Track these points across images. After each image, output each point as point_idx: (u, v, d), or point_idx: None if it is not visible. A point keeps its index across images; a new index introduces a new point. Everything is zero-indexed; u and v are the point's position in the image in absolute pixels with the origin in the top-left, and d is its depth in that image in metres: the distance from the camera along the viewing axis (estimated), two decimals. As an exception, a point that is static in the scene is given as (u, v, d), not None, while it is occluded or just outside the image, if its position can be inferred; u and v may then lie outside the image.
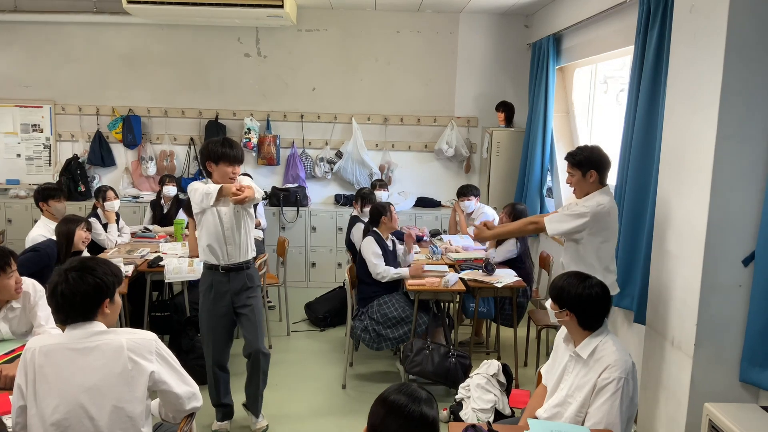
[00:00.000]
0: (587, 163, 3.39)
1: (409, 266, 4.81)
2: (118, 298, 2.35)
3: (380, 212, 4.89)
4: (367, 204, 5.59)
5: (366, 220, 5.53)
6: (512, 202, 5.37)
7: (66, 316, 2.23)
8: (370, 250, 4.72)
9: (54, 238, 4.32)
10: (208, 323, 3.85)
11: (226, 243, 3.74)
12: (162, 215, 6.14)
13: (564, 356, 2.72)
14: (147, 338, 2.28)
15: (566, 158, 3.51)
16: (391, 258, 4.82)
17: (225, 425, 3.96)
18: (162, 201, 6.17)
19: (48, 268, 4.09)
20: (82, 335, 2.21)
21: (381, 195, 6.09)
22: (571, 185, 3.51)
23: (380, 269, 4.67)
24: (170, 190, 6.09)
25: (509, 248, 5.09)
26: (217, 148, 3.62)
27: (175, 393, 2.31)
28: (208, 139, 3.80)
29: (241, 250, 3.80)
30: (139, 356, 2.22)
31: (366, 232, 4.93)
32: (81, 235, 4.27)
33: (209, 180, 3.70)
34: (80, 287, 2.20)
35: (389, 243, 4.87)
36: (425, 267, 4.83)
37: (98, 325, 2.25)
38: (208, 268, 3.82)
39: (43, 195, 4.86)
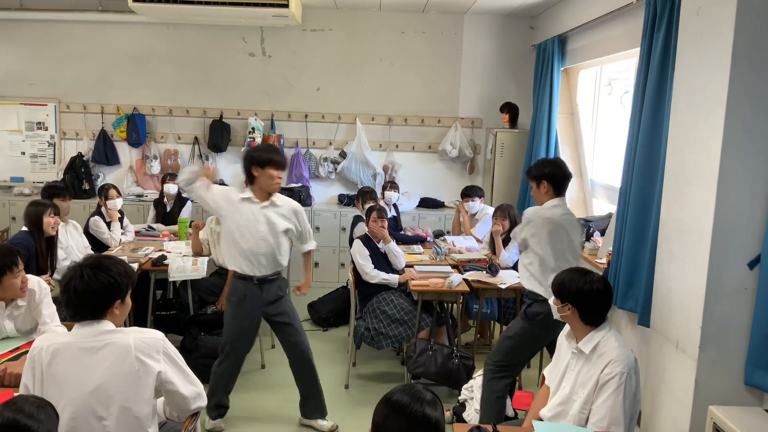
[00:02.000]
0: (540, 176, 3.67)
1: (399, 272, 4.86)
2: (128, 300, 2.36)
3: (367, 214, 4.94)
4: (368, 201, 5.61)
5: None
6: (501, 205, 5.34)
7: (76, 312, 2.23)
8: (357, 252, 4.78)
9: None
10: (238, 332, 3.88)
11: (260, 254, 3.80)
12: (165, 213, 6.15)
13: (566, 354, 2.74)
14: (155, 337, 2.28)
15: (525, 172, 3.90)
16: (381, 258, 4.82)
17: (219, 423, 3.96)
18: (165, 199, 6.17)
19: (31, 259, 4.11)
20: (91, 334, 2.21)
21: (391, 196, 6.11)
22: (533, 196, 3.83)
23: (367, 269, 4.70)
24: (171, 188, 6.09)
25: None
26: (264, 154, 3.72)
27: (181, 393, 2.31)
28: (250, 147, 3.96)
29: (275, 261, 3.87)
30: (147, 356, 2.22)
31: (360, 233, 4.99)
32: (49, 221, 4.28)
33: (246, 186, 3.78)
34: (93, 285, 2.21)
35: (381, 245, 4.87)
36: (428, 269, 4.84)
37: (107, 324, 2.25)
38: (241, 278, 3.83)
39: (49, 193, 4.87)
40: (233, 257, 3.81)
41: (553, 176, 3.65)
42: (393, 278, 4.69)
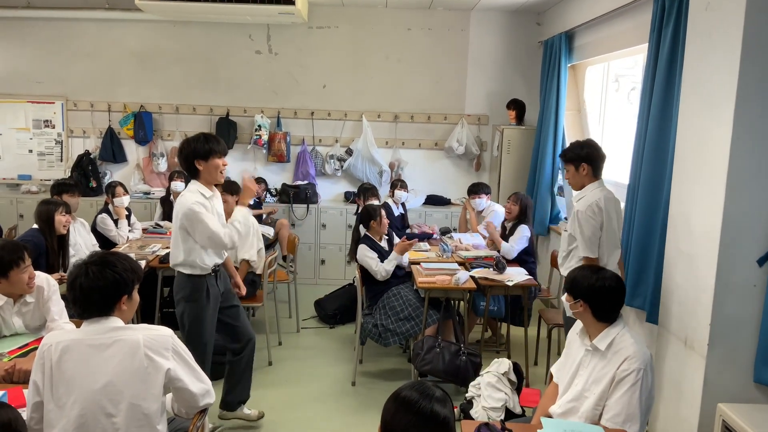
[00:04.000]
0: (577, 158, 3.61)
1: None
2: (136, 295, 2.36)
3: (370, 216, 4.91)
4: (370, 198, 5.60)
5: None
6: (516, 192, 5.37)
7: (83, 309, 2.24)
8: (367, 257, 4.76)
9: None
10: (210, 330, 3.69)
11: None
12: (171, 210, 6.14)
13: (579, 351, 2.72)
14: (164, 335, 2.28)
15: (560, 156, 3.80)
16: (385, 257, 4.82)
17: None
18: (171, 197, 6.18)
19: (41, 256, 4.13)
20: (99, 331, 2.22)
21: (401, 195, 6.11)
22: (569, 181, 3.75)
23: (377, 267, 4.71)
24: (178, 185, 6.10)
25: (522, 234, 5.08)
26: (203, 145, 3.48)
27: (190, 390, 2.31)
28: (185, 139, 3.67)
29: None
30: (156, 353, 2.22)
31: (359, 240, 4.92)
32: (60, 219, 4.29)
33: (196, 183, 3.52)
34: (99, 281, 2.21)
35: (383, 244, 4.87)
36: (434, 266, 4.83)
37: (115, 321, 2.25)
38: (199, 275, 3.59)
39: (58, 189, 4.92)
40: (205, 253, 3.58)
41: (592, 157, 3.57)
42: (393, 258, 4.73)
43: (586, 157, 3.57)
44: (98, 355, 2.18)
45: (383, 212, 4.88)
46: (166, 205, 6.20)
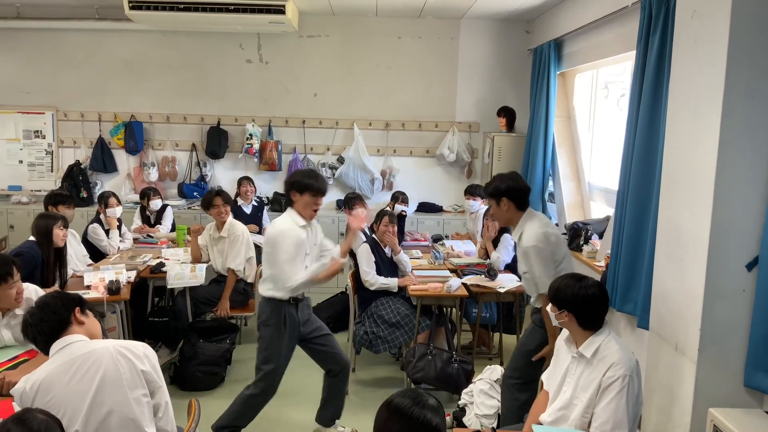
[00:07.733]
0: (497, 192, 3.44)
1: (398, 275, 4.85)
2: (91, 316, 2.41)
3: (374, 218, 4.92)
4: (355, 206, 5.61)
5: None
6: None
7: (45, 336, 2.28)
8: (363, 257, 4.74)
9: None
10: (281, 355, 3.75)
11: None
12: (150, 225, 6.11)
13: (566, 359, 2.73)
14: (136, 343, 2.34)
15: (482, 189, 3.63)
16: (386, 265, 4.81)
17: None
18: (147, 212, 6.12)
19: (36, 269, 4.11)
20: (68, 355, 2.23)
21: (399, 208, 6.06)
22: (495, 216, 3.65)
23: (368, 277, 4.68)
24: (156, 204, 6.06)
25: (507, 243, 5.07)
26: (303, 180, 3.62)
27: (162, 399, 2.36)
28: (294, 170, 3.76)
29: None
30: (132, 355, 2.27)
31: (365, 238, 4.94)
32: (59, 233, 4.28)
33: (291, 211, 3.64)
34: (44, 309, 2.30)
35: (387, 250, 4.86)
36: (426, 273, 4.83)
37: (78, 337, 2.29)
38: (279, 300, 3.65)
39: (54, 200, 4.89)
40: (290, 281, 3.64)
41: (512, 191, 3.43)
42: (392, 282, 4.69)
43: (505, 191, 3.42)
44: (76, 376, 2.19)
45: (386, 219, 4.84)
46: (144, 216, 6.14)
